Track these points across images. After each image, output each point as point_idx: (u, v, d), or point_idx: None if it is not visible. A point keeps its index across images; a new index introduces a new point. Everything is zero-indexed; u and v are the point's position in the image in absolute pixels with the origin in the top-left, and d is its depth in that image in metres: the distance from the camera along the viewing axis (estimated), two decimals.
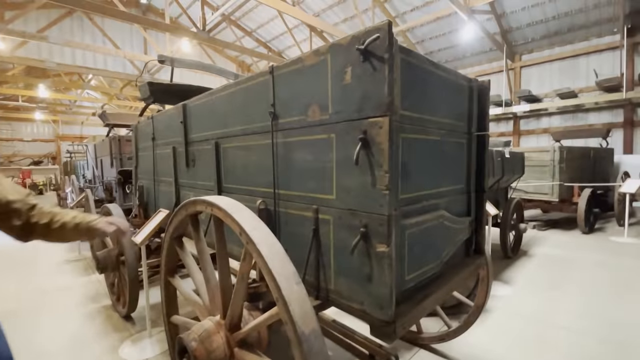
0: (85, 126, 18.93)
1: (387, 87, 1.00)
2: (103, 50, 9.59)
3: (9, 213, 1.11)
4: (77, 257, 5.47)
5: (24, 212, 1.14)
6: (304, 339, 0.92)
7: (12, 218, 1.12)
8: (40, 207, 1.21)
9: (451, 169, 1.59)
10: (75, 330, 3.05)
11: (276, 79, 1.44)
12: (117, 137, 4.78)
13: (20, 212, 1.13)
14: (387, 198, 1.02)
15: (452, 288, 1.56)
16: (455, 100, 1.61)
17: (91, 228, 1.30)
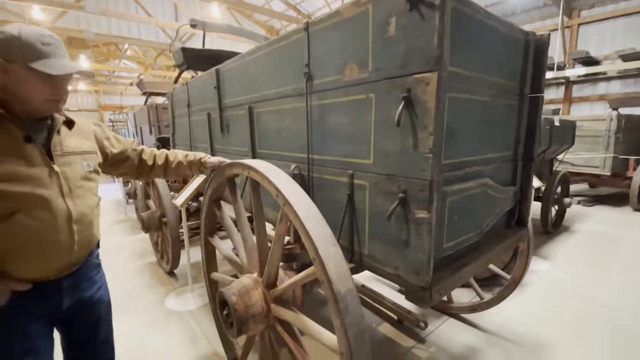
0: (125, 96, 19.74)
1: (437, 39, 0.90)
2: (136, 19, 9.69)
3: (125, 159, 1.43)
4: (125, 219, 5.95)
5: (136, 156, 1.48)
6: (340, 297, 0.94)
7: (127, 161, 1.44)
8: (150, 151, 1.54)
9: (499, 134, 1.47)
10: (128, 283, 3.38)
11: (311, 36, 1.36)
12: (154, 105, 4.93)
13: (131, 157, 1.46)
14: (429, 162, 0.96)
15: (490, 259, 1.50)
16: (509, 57, 1.45)
17: (203, 163, 1.63)
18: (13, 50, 0.97)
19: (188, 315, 2.74)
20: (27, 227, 1.01)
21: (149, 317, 2.72)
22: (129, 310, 2.83)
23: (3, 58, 0.97)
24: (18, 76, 0.99)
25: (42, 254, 1.06)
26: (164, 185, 3.22)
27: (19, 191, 0.99)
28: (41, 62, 0.98)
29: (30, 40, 0.98)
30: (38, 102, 1.04)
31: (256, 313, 1.32)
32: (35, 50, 0.98)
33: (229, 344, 2.04)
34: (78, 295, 1.22)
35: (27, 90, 1.01)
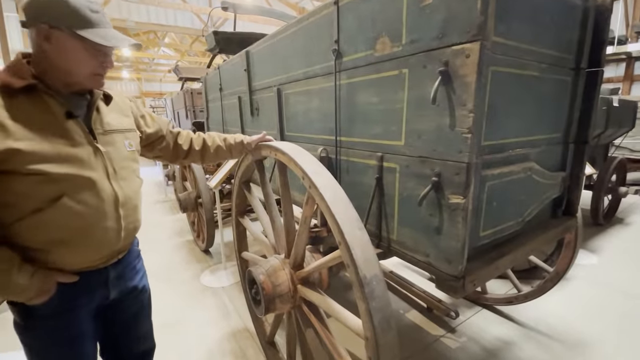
0: (163, 83, 20.63)
1: (481, 4, 0.80)
2: (173, 6, 9.95)
3: (160, 140, 1.34)
4: (164, 199, 6.31)
5: (171, 139, 1.38)
6: (365, 282, 0.91)
7: (162, 142, 1.35)
8: (187, 134, 1.43)
9: (548, 113, 1.32)
10: (168, 258, 3.61)
11: (341, 9, 1.29)
12: (190, 90, 5.09)
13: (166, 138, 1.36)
14: (468, 143, 0.88)
15: (531, 250, 1.39)
16: (563, 26, 1.28)
17: (246, 145, 1.51)
18: (59, 15, 0.85)
19: (221, 291, 2.88)
20: (74, 213, 0.92)
21: (187, 291, 2.89)
22: (169, 283, 3.03)
23: (47, 23, 0.85)
24: (63, 45, 0.87)
25: (89, 241, 0.98)
26: (199, 168, 3.34)
27: (65, 173, 0.89)
28: (90, 30, 0.88)
29: (78, 4, 0.87)
30: (83, 75, 0.93)
31: (283, 293, 1.34)
32: (83, 17, 0.87)
33: (259, 321, 2.11)
34: (124, 285, 1.16)
35: (72, 62, 0.90)
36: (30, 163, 0.84)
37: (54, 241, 0.92)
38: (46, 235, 0.91)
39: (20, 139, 0.83)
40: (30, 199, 0.87)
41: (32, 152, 0.84)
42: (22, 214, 0.88)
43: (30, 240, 0.91)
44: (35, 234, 0.90)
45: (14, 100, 0.86)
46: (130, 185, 1.08)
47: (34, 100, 0.89)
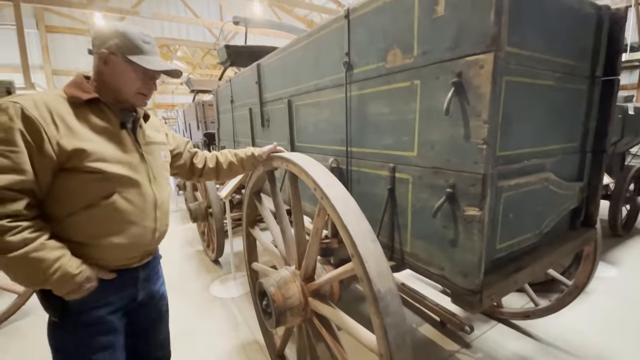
0: (176, 95, 21.09)
1: (494, 15, 0.80)
2: (185, 20, 10.27)
3: (178, 157, 1.43)
4: (175, 209, 6.38)
5: (188, 158, 1.48)
6: (380, 296, 0.89)
7: (180, 160, 1.44)
8: (202, 154, 1.54)
9: (564, 122, 1.30)
10: (178, 268, 3.62)
11: (352, 23, 1.31)
12: (201, 102, 5.19)
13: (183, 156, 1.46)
14: (483, 154, 0.87)
15: (550, 263, 1.35)
16: (577, 35, 1.27)
17: (258, 157, 1.56)
18: (117, 44, 1.03)
19: (231, 302, 2.86)
20: (121, 210, 1.03)
21: (197, 302, 2.89)
22: (180, 293, 3.04)
23: (107, 50, 1.03)
24: (117, 67, 1.04)
25: (130, 239, 1.07)
26: None
27: (118, 173, 1.01)
28: (139, 57, 1.05)
29: (133, 36, 1.05)
30: (129, 94, 1.09)
31: (294, 305, 1.33)
32: (136, 46, 1.05)
33: (269, 334, 2.09)
34: (149, 287, 1.24)
35: (122, 82, 1.06)
36: (91, 161, 0.96)
37: (100, 236, 1.01)
38: (94, 230, 1.00)
39: (85, 140, 0.97)
40: (85, 195, 0.97)
41: (93, 152, 0.97)
42: (74, 209, 0.96)
43: (78, 235, 0.98)
44: (83, 228, 0.99)
45: (79, 109, 1.00)
46: (164, 191, 1.20)
47: (95, 111, 1.04)
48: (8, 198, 0.86)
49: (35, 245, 0.88)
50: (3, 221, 0.84)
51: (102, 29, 1.07)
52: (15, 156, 0.87)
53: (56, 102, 0.97)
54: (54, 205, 0.96)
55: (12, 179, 0.86)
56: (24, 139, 0.88)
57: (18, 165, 0.87)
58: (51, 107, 0.94)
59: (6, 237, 0.84)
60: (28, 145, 0.89)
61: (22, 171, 0.87)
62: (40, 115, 0.91)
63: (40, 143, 0.90)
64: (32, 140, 0.89)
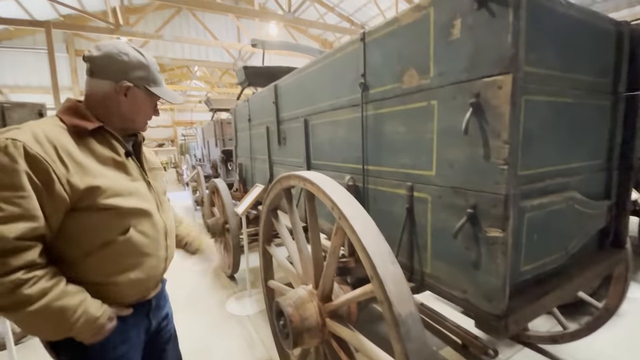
0: (194, 112, 21.90)
1: (512, 37, 0.81)
2: (205, 43, 10.73)
3: None
4: (193, 224, 6.47)
5: None
6: (400, 320, 0.87)
7: None
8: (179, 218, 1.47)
9: (587, 139, 1.27)
10: (194, 284, 3.64)
11: (367, 45, 1.34)
12: (219, 120, 5.35)
13: None
14: (505, 174, 0.86)
15: (579, 286, 1.29)
16: (598, 51, 1.26)
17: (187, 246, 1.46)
18: (142, 77, 1.00)
19: (246, 319, 2.85)
20: (138, 244, 0.97)
21: (212, 319, 2.88)
22: (195, 309, 3.04)
23: (130, 81, 0.98)
24: (138, 99, 1.02)
25: (147, 272, 1.02)
26: (227, 194, 3.43)
27: (133, 206, 0.95)
28: (158, 89, 1.05)
29: (154, 67, 1.04)
30: (143, 123, 1.08)
31: (311, 326, 1.31)
32: (155, 78, 1.04)
33: (285, 354, 2.05)
34: (159, 314, 1.19)
35: (140, 112, 1.04)
36: (106, 198, 0.89)
37: (117, 273, 0.95)
38: (111, 267, 0.94)
39: (96, 175, 0.90)
40: (102, 234, 0.90)
41: (108, 187, 0.90)
42: (90, 249, 0.90)
43: (94, 275, 0.92)
44: (100, 267, 0.92)
45: (84, 140, 0.92)
46: (170, 217, 1.16)
47: (100, 140, 0.96)
48: (21, 248, 0.78)
49: (56, 293, 0.81)
50: (18, 274, 0.77)
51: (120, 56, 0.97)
52: (24, 202, 0.78)
53: (58, 134, 0.87)
54: (67, 247, 0.89)
55: (24, 227, 0.78)
56: (31, 182, 0.80)
57: (28, 212, 0.79)
58: (54, 141, 0.85)
59: (23, 290, 0.77)
60: (36, 187, 0.80)
61: (34, 217, 0.80)
62: (44, 152, 0.82)
63: (50, 184, 0.81)
64: (40, 181, 0.81)
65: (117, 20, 8.51)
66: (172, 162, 21.06)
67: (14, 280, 0.76)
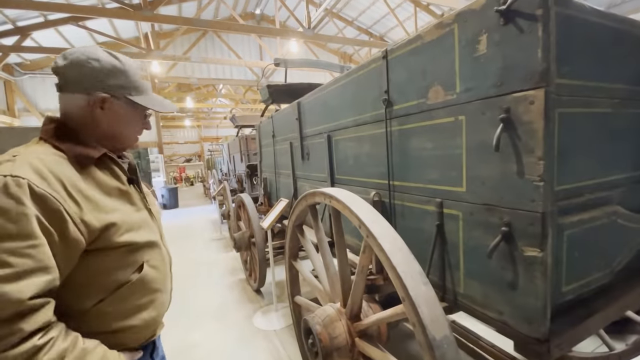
0: (220, 128, 22.70)
1: (542, 51, 0.79)
2: (229, 62, 11.22)
3: None
4: (220, 237, 6.64)
5: None
6: (435, 345, 0.85)
7: None
8: None
9: (629, 149, 1.20)
10: (221, 298, 3.71)
11: (390, 63, 1.35)
12: (244, 136, 5.51)
13: None
14: (541, 191, 0.83)
15: (627, 305, 1.20)
16: (634, 58, 1.20)
17: None
18: (119, 84, 0.85)
19: (273, 334, 2.85)
20: (151, 279, 0.89)
21: (240, 333, 2.91)
22: (223, 323, 3.09)
23: (106, 91, 0.83)
24: (118, 112, 0.87)
25: (158, 309, 0.93)
26: (252, 208, 3.51)
27: (145, 240, 0.86)
28: (143, 97, 0.89)
29: (132, 72, 0.87)
30: (131, 139, 0.93)
31: (341, 346, 1.29)
32: (137, 85, 0.88)
33: None
34: (158, 355, 1.09)
35: (124, 127, 0.90)
36: (122, 235, 0.80)
37: (131, 316, 0.85)
38: (125, 311, 0.84)
39: (109, 211, 0.79)
40: (117, 274, 0.81)
41: (123, 222, 0.81)
42: (103, 294, 0.79)
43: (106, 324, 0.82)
44: (113, 314, 0.82)
45: (87, 170, 0.81)
46: (168, 246, 1.06)
47: (103, 169, 0.85)
48: (36, 308, 0.65)
49: (76, 355, 0.70)
50: (34, 340, 0.64)
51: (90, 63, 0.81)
52: (36, 252, 0.66)
53: (60, 165, 0.75)
54: (75, 297, 0.76)
55: (39, 283, 0.66)
56: (41, 226, 0.67)
57: (42, 263, 0.66)
58: (59, 174, 0.73)
59: (41, 357, 0.64)
60: (47, 233, 0.68)
61: (48, 269, 0.68)
62: (52, 189, 0.69)
63: (63, 227, 0.70)
64: (51, 225, 0.68)
65: (149, 44, 9.09)
66: (199, 176, 21.84)
67: (30, 349, 0.63)
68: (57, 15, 8.24)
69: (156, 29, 10.92)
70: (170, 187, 11.53)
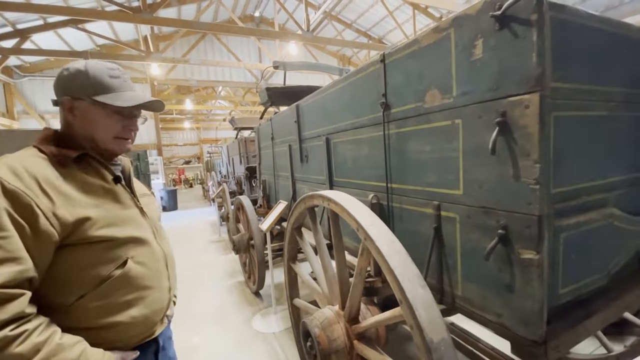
0: (219, 130, 22.75)
1: (537, 56, 0.80)
2: (228, 64, 11.24)
3: None
4: (219, 239, 6.64)
5: None
6: (433, 347, 0.85)
7: None
8: None
9: (625, 152, 1.21)
10: (220, 301, 3.70)
11: (388, 66, 1.36)
12: (243, 138, 5.53)
13: None
14: (537, 194, 0.83)
15: (624, 307, 1.20)
16: (629, 61, 1.21)
17: None
18: (79, 85, 0.88)
19: (272, 337, 2.84)
20: (137, 276, 0.90)
21: (239, 336, 2.91)
22: (222, 326, 3.08)
23: (69, 95, 0.89)
24: (86, 114, 0.90)
25: (150, 306, 0.93)
26: (252, 210, 3.51)
27: (128, 236, 0.89)
28: (109, 95, 0.90)
29: (97, 73, 0.90)
30: (107, 141, 0.93)
31: (339, 348, 1.30)
32: (103, 84, 0.90)
33: None
34: (167, 355, 1.08)
35: (95, 128, 0.91)
36: (99, 229, 0.83)
37: (118, 312, 0.86)
38: (110, 307, 0.85)
39: (86, 206, 0.83)
40: (96, 270, 0.83)
41: (100, 217, 0.84)
42: (84, 290, 0.82)
43: (91, 320, 0.83)
44: (97, 310, 0.83)
45: (67, 170, 0.86)
46: (168, 244, 1.09)
47: (86, 168, 0.90)
48: (7, 298, 0.68)
49: (51, 348, 0.71)
50: (5, 330, 0.67)
51: (62, 73, 0.90)
52: (6, 243, 0.70)
53: (37, 165, 0.81)
54: (56, 292, 0.80)
55: (9, 272, 0.69)
56: (12, 220, 0.72)
57: (12, 254, 0.70)
58: (35, 173, 0.78)
59: (12, 349, 0.67)
60: (18, 226, 0.72)
61: (18, 259, 0.71)
62: (25, 185, 0.75)
63: (33, 220, 0.74)
64: (22, 218, 0.73)
65: (148, 47, 9.10)
66: (199, 178, 21.83)
67: (1, 339, 0.66)
68: (57, 18, 8.26)
69: (155, 31, 10.95)
70: (169, 189, 11.52)
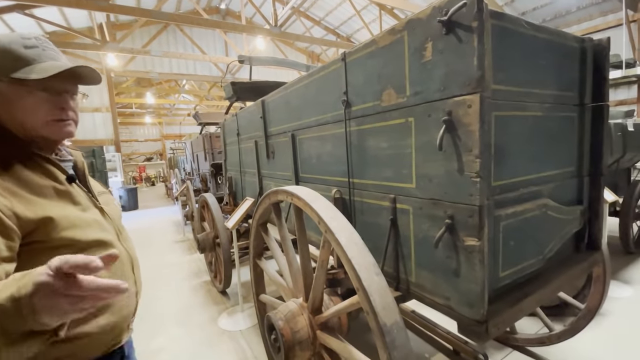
0: (183, 125, 21.81)
1: (477, 60, 0.88)
2: (193, 57, 10.80)
3: None
4: (183, 239, 6.41)
5: None
6: (386, 330, 0.91)
7: None
8: None
9: (558, 149, 1.35)
10: (184, 301, 3.60)
11: (348, 65, 1.41)
12: (208, 134, 5.36)
13: None
14: (478, 186, 0.92)
15: (557, 288, 1.35)
16: (563, 67, 1.35)
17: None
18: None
19: (239, 335, 2.82)
20: None
21: (204, 336, 2.85)
22: (186, 327, 3.00)
23: None
24: (6, 96, 0.76)
25: (118, 313, 0.88)
26: (217, 208, 3.43)
27: (91, 239, 0.81)
28: (27, 69, 0.75)
29: (10, 46, 0.75)
30: (38, 126, 0.79)
31: (302, 339, 1.33)
32: (18, 58, 0.75)
33: None
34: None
35: (23, 112, 0.77)
36: (62, 231, 0.75)
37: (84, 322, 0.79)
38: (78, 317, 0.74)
39: (45, 207, 0.75)
40: None
41: (62, 218, 0.76)
42: None
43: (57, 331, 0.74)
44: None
45: (12, 171, 0.75)
46: (132, 246, 1.03)
47: (32, 168, 0.79)
48: None
49: None
50: None
51: None
52: None
53: None
54: None
55: None
56: None
57: None
58: None
59: None
60: None
61: None
62: None
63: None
64: None
65: (104, 36, 8.51)
66: (161, 176, 20.83)
67: None
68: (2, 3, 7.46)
69: (112, 19, 10.25)
70: (128, 187, 10.91)
